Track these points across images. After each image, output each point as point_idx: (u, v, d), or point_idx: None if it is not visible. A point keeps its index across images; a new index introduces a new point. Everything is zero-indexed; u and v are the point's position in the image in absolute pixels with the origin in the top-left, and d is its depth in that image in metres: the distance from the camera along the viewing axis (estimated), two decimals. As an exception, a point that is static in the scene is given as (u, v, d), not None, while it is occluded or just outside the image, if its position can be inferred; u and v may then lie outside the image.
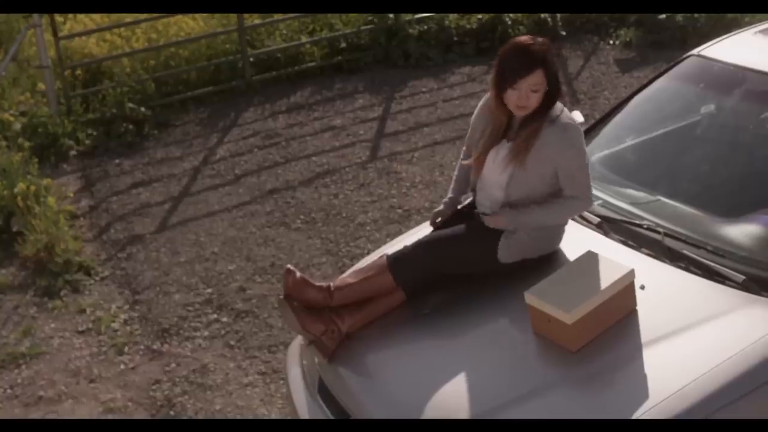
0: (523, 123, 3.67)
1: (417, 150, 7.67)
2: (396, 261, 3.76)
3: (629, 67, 9.01)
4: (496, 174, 3.72)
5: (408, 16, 9.66)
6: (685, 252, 3.61)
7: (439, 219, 3.95)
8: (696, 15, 9.42)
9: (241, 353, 5.31)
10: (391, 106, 8.62)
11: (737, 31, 4.63)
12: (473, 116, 3.91)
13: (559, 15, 9.96)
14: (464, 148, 4.05)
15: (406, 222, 6.47)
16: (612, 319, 3.37)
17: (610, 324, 3.36)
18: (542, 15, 9.85)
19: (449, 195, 4.02)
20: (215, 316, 5.67)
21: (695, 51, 4.45)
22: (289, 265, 3.80)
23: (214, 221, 6.78)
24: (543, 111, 3.64)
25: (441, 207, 3.98)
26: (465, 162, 3.94)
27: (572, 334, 3.29)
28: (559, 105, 3.68)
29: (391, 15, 9.56)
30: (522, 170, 3.65)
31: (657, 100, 4.48)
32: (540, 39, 3.65)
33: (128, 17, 9.06)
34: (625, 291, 3.40)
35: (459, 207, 3.99)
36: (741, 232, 3.69)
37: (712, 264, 3.52)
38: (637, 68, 8.88)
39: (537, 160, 3.63)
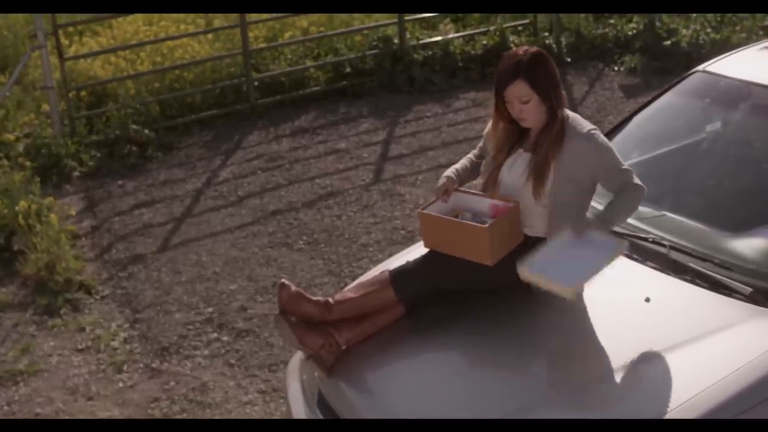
0: (539, 137, 3.61)
1: (421, 173, 7.64)
2: (398, 276, 3.71)
3: (634, 92, 9.00)
4: (520, 183, 3.63)
5: (413, 42, 9.68)
6: (690, 265, 3.56)
7: (446, 192, 3.76)
8: (701, 41, 9.44)
9: (241, 372, 5.25)
10: (395, 130, 8.61)
11: (742, 48, 4.61)
12: (486, 130, 3.84)
13: (564, 41, 9.98)
14: (479, 146, 3.93)
15: (410, 243, 6.37)
16: (461, 250, 3.59)
17: (458, 253, 3.61)
18: (547, 41, 9.89)
19: (454, 168, 3.85)
20: (216, 335, 5.61)
21: (701, 67, 4.43)
22: (283, 280, 3.74)
23: (216, 242, 6.74)
24: (552, 122, 3.58)
25: (444, 180, 3.78)
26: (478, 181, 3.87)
27: (421, 227, 3.75)
28: (570, 113, 3.64)
29: (396, 40, 9.58)
30: (558, 183, 3.56)
31: (663, 116, 4.45)
32: (527, 48, 3.61)
33: (133, 40, 9.07)
34: (478, 236, 3.53)
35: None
36: (748, 245, 3.65)
37: (719, 276, 3.47)
38: (641, 94, 8.85)
39: (570, 170, 3.55)
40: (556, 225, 3.61)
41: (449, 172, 3.83)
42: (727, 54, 4.52)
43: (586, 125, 3.60)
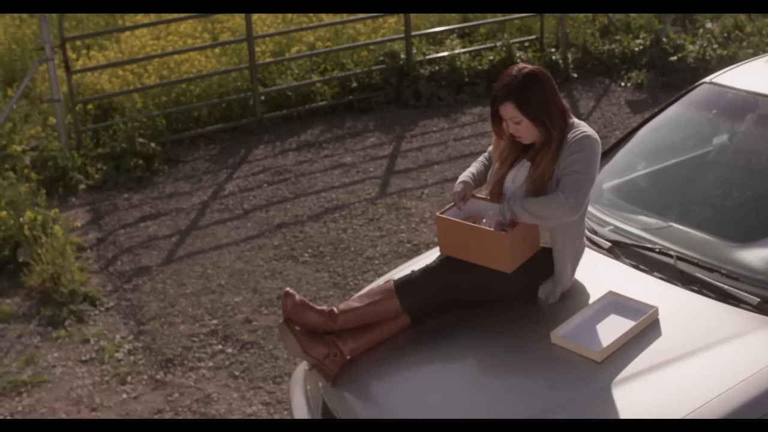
0: (537, 152, 3.61)
1: (427, 187, 7.63)
2: (403, 286, 3.69)
3: (640, 108, 8.99)
4: (522, 195, 3.65)
5: (419, 57, 9.69)
6: (698, 275, 3.54)
7: (463, 198, 3.75)
8: (707, 57, 9.44)
9: (246, 384, 5.23)
10: (401, 144, 8.61)
11: (749, 59, 4.60)
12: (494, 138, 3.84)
13: (570, 57, 10.00)
14: (489, 149, 3.91)
15: (415, 257, 6.39)
16: (479, 257, 3.57)
17: (475, 260, 3.59)
18: (553, 57, 9.89)
19: (469, 173, 3.84)
20: (220, 346, 5.59)
21: (707, 78, 4.43)
22: (288, 288, 3.72)
23: (221, 254, 6.73)
24: (548, 139, 3.57)
25: (462, 186, 3.77)
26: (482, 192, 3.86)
27: (438, 231, 3.71)
28: (576, 122, 3.63)
29: (403, 55, 9.59)
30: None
31: (669, 127, 4.44)
32: (522, 67, 3.57)
33: (140, 53, 9.08)
34: (497, 242, 3.51)
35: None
36: (755, 255, 3.63)
37: (726, 287, 3.45)
38: (648, 109, 8.85)
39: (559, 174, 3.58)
40: (559, 233, 3.61)
41: (465, 177, 3.81)
42: (733, 66, 4.51)
43: (585, 129, 3.60)
